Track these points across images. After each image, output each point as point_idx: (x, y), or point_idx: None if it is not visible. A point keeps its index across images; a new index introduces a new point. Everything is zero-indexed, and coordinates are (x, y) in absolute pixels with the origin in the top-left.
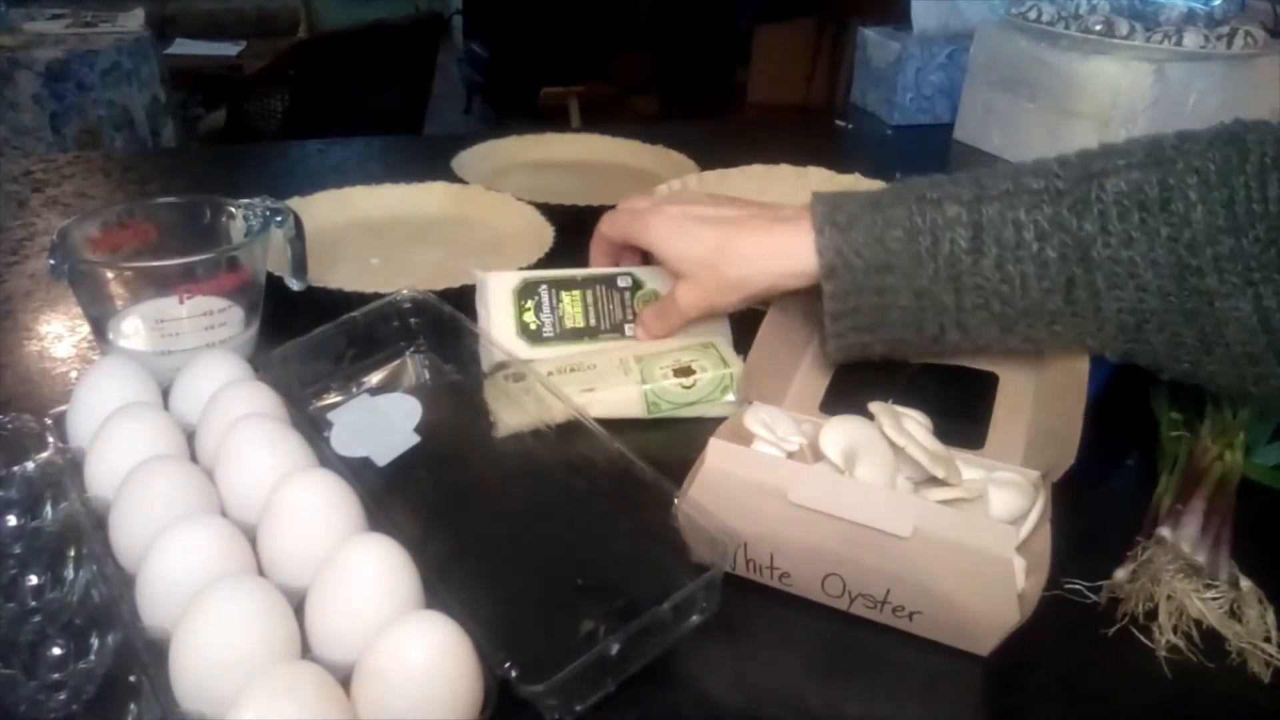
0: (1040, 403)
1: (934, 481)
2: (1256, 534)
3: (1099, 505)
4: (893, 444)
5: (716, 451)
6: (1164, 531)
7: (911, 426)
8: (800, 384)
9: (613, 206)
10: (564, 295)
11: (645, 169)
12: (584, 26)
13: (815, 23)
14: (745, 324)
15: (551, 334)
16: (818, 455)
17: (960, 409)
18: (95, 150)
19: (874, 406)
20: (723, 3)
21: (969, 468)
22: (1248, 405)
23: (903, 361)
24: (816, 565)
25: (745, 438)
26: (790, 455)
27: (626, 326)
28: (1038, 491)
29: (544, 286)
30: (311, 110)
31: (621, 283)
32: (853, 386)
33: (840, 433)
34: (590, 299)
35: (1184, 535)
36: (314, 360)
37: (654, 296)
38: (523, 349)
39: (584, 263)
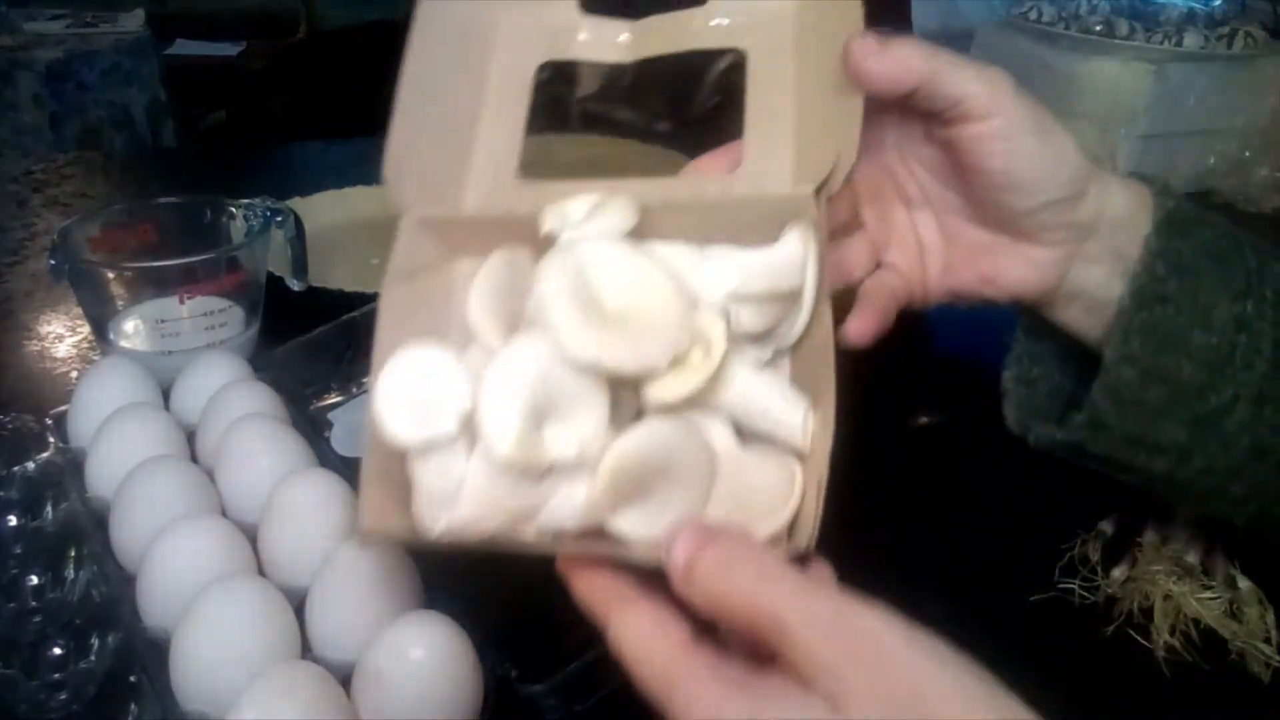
0: (806, 87)
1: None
2: (1256, 534)
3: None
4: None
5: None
6: (1151, 535)
7: (609, 280)
8: (486, 140)
9: None
10: None
11: (645, 169)
12: None
13: None
14: None
15: None
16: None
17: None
18: (95, 150)
19: (543, 295)
20: None
21: (715, 257)
22: None
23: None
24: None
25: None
26: (449, 440)
27: None
28: (806, 250)
29: None
30: (311, 110)
31: None
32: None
33: (514, 384)
34: None
35: (1175, 535)
36: (314, 360)
37: None
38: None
39: None
